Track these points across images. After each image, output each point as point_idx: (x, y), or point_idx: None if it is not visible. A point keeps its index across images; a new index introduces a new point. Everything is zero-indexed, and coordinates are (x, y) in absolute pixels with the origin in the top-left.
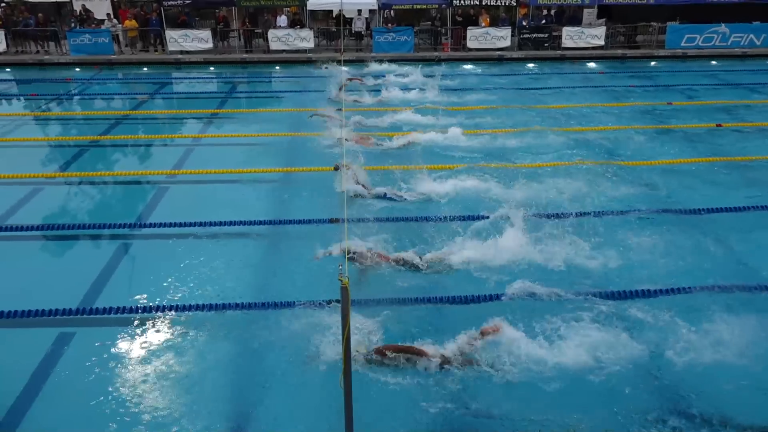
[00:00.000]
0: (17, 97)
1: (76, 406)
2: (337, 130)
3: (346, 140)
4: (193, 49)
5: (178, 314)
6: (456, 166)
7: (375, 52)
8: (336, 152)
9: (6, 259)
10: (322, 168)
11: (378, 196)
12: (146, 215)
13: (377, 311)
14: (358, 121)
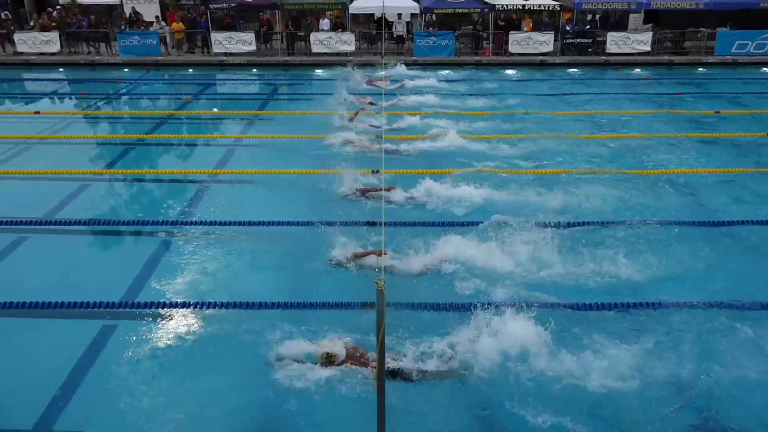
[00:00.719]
0: (69, 96)
1: (115, 394)
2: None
3: (353, 144)
4: (236, 51)
5: (216, 310)
6: (485, 170)
7: (415, 56)
8: (373, 155)
9: (54, 252)
10: (360, 170)
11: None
12: (187, 213)
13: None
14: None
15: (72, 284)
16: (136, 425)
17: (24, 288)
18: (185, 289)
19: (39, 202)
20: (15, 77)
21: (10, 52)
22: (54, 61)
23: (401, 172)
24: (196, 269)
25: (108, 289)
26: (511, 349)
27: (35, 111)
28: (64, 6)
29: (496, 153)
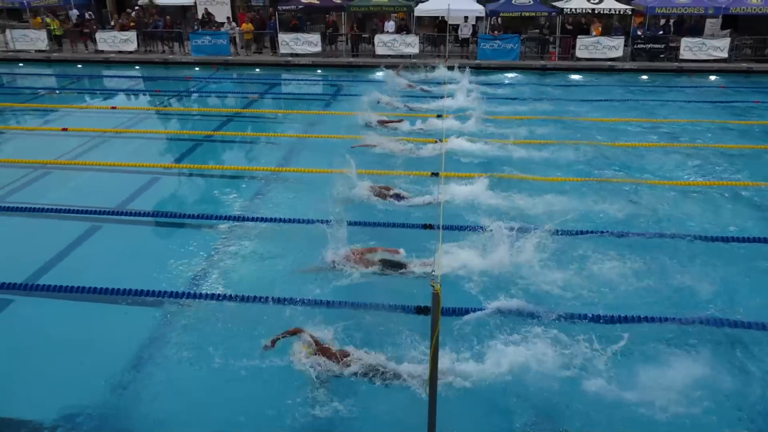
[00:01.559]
0: (143, 92)
1: (171, 381)
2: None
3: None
4: (302, 52)
5: (268, 305)
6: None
7: (480, 59)
8: (433, 157)
9: (123, 241)
10: (419, 172)
11: (395, 198)
12: (249, 208)
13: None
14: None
15: (136, 272)
16: (188, 413)
17: (93, 274)
18: (243, 281)
19: (113, 192)
20: (95, 74)
21: (92, 50)
22: (131, 59)
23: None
24: (252, 263)
25: (170, 278)
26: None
27: (112, 106)
28: (143, 7)
29: (535, 158)
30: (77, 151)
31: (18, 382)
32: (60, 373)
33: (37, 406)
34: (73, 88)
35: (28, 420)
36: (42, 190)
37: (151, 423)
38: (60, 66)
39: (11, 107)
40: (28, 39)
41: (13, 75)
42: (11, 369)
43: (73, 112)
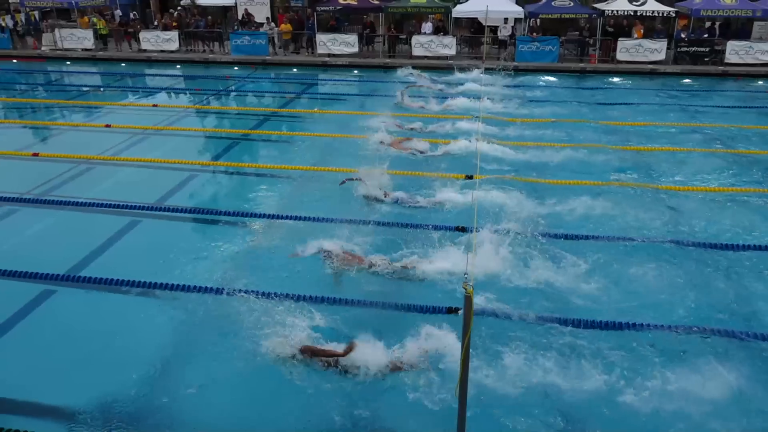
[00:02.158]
0: (184, 91)
1: (205, 373)
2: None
3: (385, 145)
4: (339, 53)
5: (297, 303)
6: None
7: (517, 61)
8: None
9: (161, 235)
10: (454, 175)
11: (393, 201)
12: (283, 206)
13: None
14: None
15: (173, 266)
16: (223, 406)
17: (132, 267)
18: (273, 279)
19: (152, 188)
20: (138, 72)
21: (136, 49)
22: (172, 59)
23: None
24: (286, 261)
25: (206, 273)
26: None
27: (153, 104)
28: (185, 7)
29: (571, 162)
30: (119, 147)
31: (58, 369)
32: (98, 362)
33: (75, 393)
34: (117, 86)
35: (65, 406)
36: (85, 185)
37: (185, 415)
38: (105, 64)
39: (59, 104)
40: (76, 38)
41: (60, 73)
42: (52, 356)
43: (116, 109)
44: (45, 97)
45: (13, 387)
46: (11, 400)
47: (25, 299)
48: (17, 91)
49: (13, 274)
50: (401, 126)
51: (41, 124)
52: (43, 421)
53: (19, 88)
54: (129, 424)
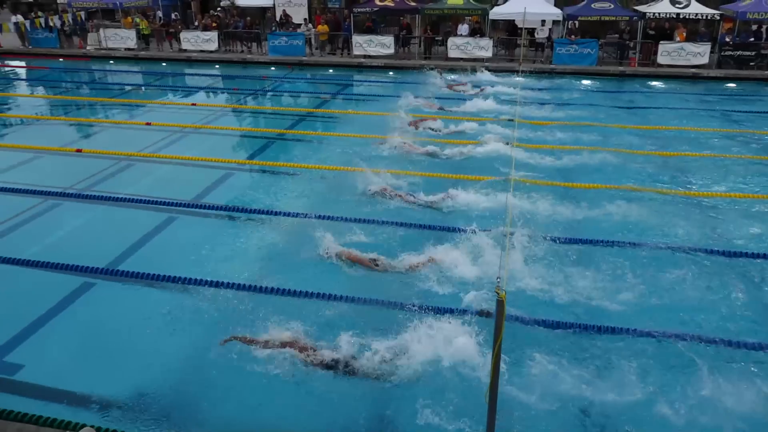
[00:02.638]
0: (222, 90)
1: (238, 368)
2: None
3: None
4: (375, 54)
5: (328, 302)
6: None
7: (555, 64)
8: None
9: (196, 232)
10: (486, 177)
11: (425, 204)
12: (314, 205)
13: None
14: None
15: (208, 262)
16: (258, 401)
17: (168, 262)
18: (304, 277)
19: (189, 185)
20: (178, 72)
21: (176, 49)
22: (211, 58)
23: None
24: (322, 260)
25: (239, 270)
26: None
27: (192, 103)
28: (225, 8)
29: (609, 167)
30: (159, 145)
31: (94, 360)
32: (133, 355)
33: (110, 384)
34: (158, 84)
35: (101, 396)
36: (126, 181)
37: (220, 409)
38: (146, 64)
39: (101, 102)
40: (119, 38)
41: (104, 71)
42: (88, 347)
43: (156, 107)
44: (89, 95)
45: (52, 375)
46: (52, 388)
47: (66, 291)
48: (63, 89)
49: (56, 266)
50: (437, 129)
51: (85, 121)
52: (79, 410)
53: (65, 86)
54: (162, 416)
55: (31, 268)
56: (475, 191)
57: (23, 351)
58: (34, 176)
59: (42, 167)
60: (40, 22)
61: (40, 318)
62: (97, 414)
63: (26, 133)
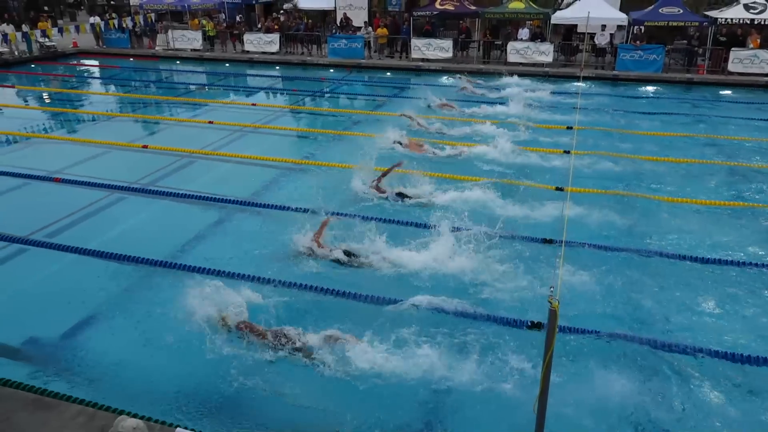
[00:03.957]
0: (281, 91)
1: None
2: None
3: (400, 144)
4: (433, 58)
5: (376, 305)
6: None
7: (618, 70)
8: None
9: (251, 230)
10: (543, 185)
11: (384, 198)
12: (365, 209)
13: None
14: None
15: (261, 260)
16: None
17: (223, 258)
18: (352, 276)
19: (247, 183)
20: (240, 72)
21: (239, 50)
22: (272, 60)
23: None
24: (372, 260)
25: (292, 267)
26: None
27: (252, 103)
28: (287, 11)
29: (671, 177)
30: (219, 143)
31: (149, 350)
32: (190, 346)
33: (164, 375)
34: (220, 84)
35: (151, 387)
36: (187, 177)
37: (270, 405)
38: (210, 64)
39: (167, 100)
40: (186, 39)
41: (170, 71)
42: (145, 338)
43: (218, 106)
44: (156, 94)
45: (111, 365)
46: (109, 379)
47: (128, 282)
48: (132, 88)
49: (119, 258)
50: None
51: (151, 118)
52: (134, 401)
53: (134, 84)
54: (214, 408)
55: (96, 258)
56: (531, 198)
57: (84, 338)
58: (102, 170)
59: (110, 162)
60: (114, 23)
61: (102, 306)
62: (152, 405)
63: (97, 128)
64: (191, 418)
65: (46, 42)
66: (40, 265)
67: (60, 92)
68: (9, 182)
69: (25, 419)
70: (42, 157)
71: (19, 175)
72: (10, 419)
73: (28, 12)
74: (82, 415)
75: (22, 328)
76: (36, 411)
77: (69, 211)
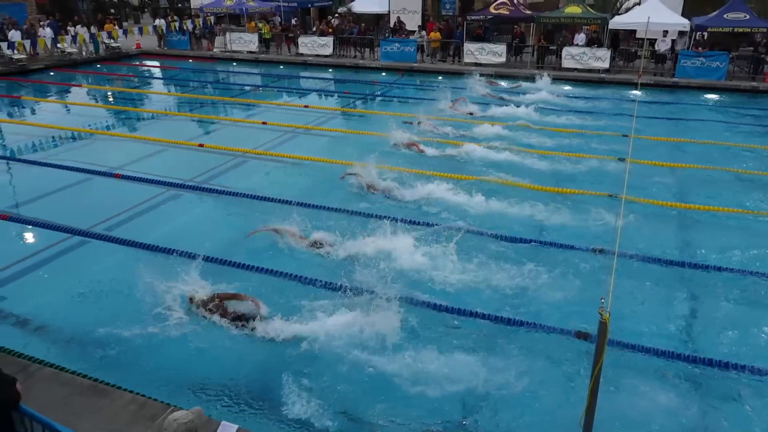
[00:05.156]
0: (333, 94)
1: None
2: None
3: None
4: (486, 62)
5: (410, 307)
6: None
7: (678, 77)
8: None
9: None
10: (595, 192)
11: (376, 193)
12: (413, 214)
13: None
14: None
15: (310, 260)
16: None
17: (272, 257)
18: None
19: (296, 184)
20: (293, 74)
21: (294, 53)
22: (325, 63)
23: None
24: (425, 264)
25: (336, 267)
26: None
27: (305, 105)
28: (341, 14)
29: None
30: (272, 144)
31: (199, 345)
32: (234, 341)
33: (214, 368)
34: (274, 86)
35: (202, 382)
36: (240, 176)
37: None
38: (265, 66)
39: (223, 101)
40: (243, 41)
41: (227, 72)
42: (190, 332)
43: (272, 108)
44: (212, 94)
45: (161, 359)
46: (160, 371)
47: (180, 277)
48: (190, 88)
49: (172, 252)
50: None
51: (207, 118)
52: (181, 394)
53: (191, 84)
54: (261, 405)
55: (152, 252)
56: (582, 206)
57: (135, 330)
58: (159, 167)
59: (167, 159)
60: (175, 26)
61: (151, 299)
62: (214, 399)
63: (156, 126)
64: (234, 412)
65: (111, 43)
66: (98, 258)
67: (122, 91)
68: (73, 177)
69: (82, 403)
70: (104, 153)
71: (82, 170)
72: (68, 403)
73: (96, 14)
74: (134, 403)
75: (78, 317)
76: (92, 396)
77: (127, 206)
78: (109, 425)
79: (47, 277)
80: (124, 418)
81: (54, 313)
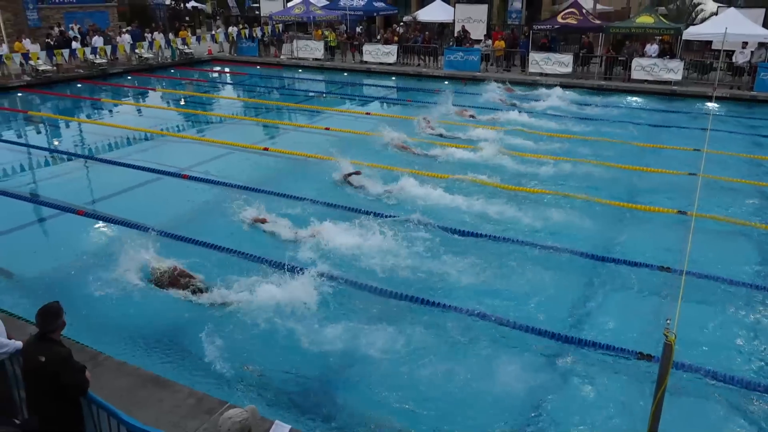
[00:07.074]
0: (395, 102)
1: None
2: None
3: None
4: (551, 72)
5: (466, 316)
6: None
7: (756, 91)
8: None
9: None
10: (660, 209)
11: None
12: (470, 223)
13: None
14: None
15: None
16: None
17: (330, 260)
18: (462, 292)
19: (359, 190)
20: (357, 82)
21: (358, 60)
22: (389, 71)
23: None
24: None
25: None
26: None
27: (367, 112)
28: (406, 23)
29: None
30: (334, 150)
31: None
32: (260, 339)
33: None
34: (338, 93)
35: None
36: (302, 181)
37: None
38: (330, 73)
39: (288, 106)
40: (309, 48)
41: (293, 79)
42: (220, 327)
43: (335, 114)
44: (278, 100)
45: (220, 359)
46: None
47: (240, 275)
48: (257, 93)
49: (232, 252)
50: None
51: (272, 123)
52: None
53: (258, 90)
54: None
55: (214, 251)
56: (649, 223)
57: (194, 328)
58: (225, 169)
59: (232, 162)
60: (245, 33)
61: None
62: (243, 392)
63: (223, 130)
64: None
65: (185, 49)
66: (164, 256)
67: (193, 95)
68: (144, 176)
69: (145, 394)
70: (174, 154)
71: (153, 170)
72: (132, 393)
73: (173, 22)
74: (192, 397)
75: (138, 312)
76: (154, 388)
77: (192, 206)
78: (168, 417)
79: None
80: (183, 411)
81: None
